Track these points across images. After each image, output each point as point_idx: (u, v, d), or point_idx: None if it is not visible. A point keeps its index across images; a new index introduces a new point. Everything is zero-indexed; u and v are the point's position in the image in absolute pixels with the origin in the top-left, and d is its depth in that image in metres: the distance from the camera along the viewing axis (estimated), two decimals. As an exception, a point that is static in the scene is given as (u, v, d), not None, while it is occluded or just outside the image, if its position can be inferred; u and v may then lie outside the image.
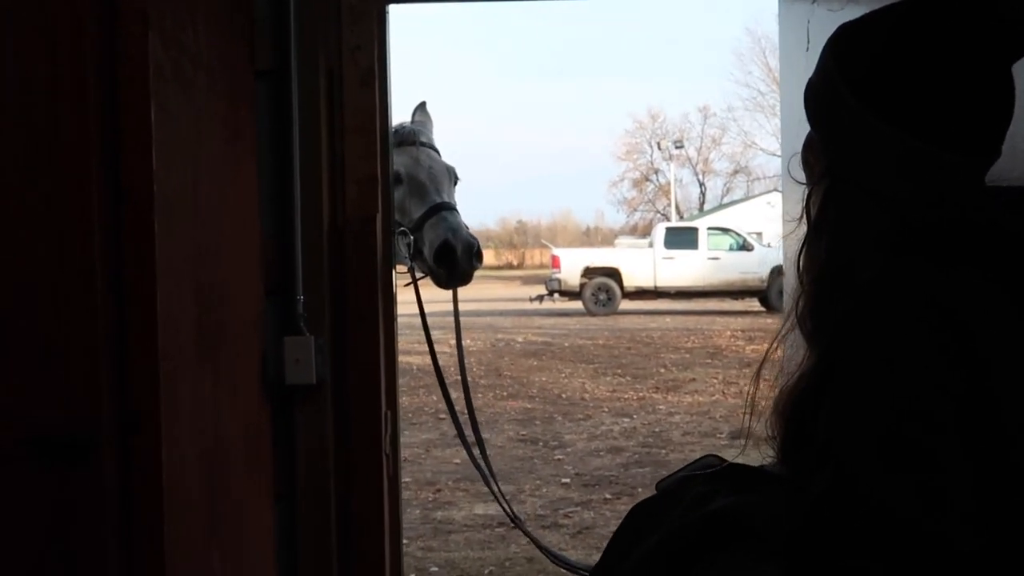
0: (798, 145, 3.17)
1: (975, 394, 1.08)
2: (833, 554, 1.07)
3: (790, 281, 1.38)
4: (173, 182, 2.44)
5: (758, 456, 1.41)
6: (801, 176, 1.36)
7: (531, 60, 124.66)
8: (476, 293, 36.55)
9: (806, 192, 1.34)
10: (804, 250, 1.32)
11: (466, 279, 3.73)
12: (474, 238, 3.72)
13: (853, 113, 1.24)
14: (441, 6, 3.74)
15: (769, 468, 1.35)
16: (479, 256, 3.71)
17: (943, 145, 1.17)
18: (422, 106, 4.16)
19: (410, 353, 15.76)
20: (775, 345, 1.38)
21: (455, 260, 3.61)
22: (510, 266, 66.82)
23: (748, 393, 1.39)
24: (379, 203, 3.24)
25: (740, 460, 1.40)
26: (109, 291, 2.28)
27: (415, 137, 3.89)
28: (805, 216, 1.32)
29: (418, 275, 3.71)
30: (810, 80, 1.31)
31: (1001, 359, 1.07)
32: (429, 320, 3.91)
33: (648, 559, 1.26)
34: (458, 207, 3.92)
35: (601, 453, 9.26)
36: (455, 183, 3.99)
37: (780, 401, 1.31)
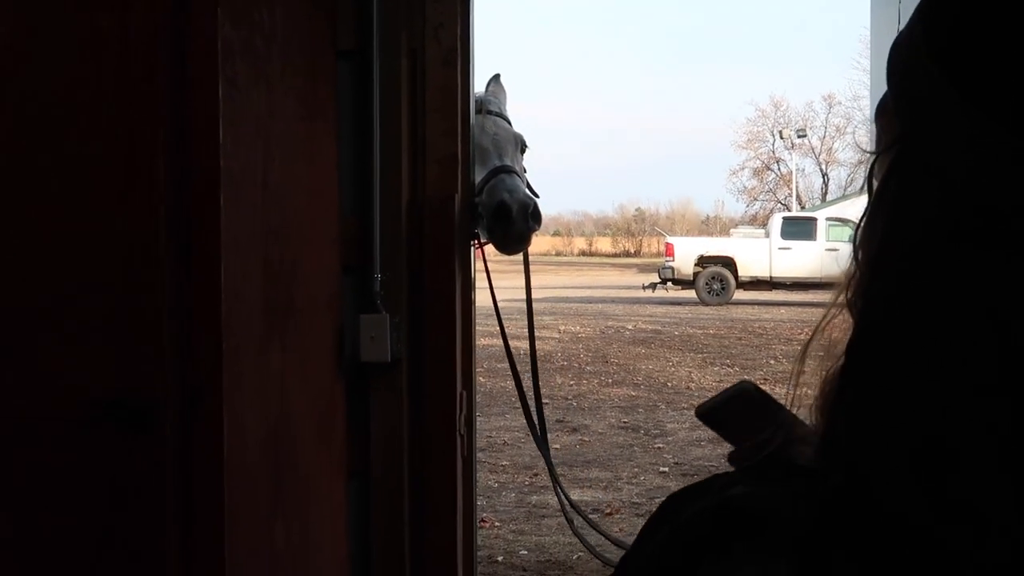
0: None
1: (1017, 398, 1.00)
2: (841, 561, 1.02)
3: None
4: (242, 158, 2.47)
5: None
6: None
7: (653, 45, 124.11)
8: (590, 280, 36.56)
9: (871, 160, 1.24)
10: (863, 224, 1.23)
11: (523, 240, 3.65)
12: (531, 198, 3.65)
13: (933, 82, 1.14)
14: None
15: (805, 461, 1.29)
16: (536, 216, 3.63)
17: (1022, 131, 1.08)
18: (496, 78, 4.13)
19: (517, 338, 15.82)
20: (823, 325, 1.31)
21: (510, 220, 3.55)
22: (627, 254, 66.51)
23: (792, 374, 1.34)
24: (459, 182, 3.24)
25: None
26: (175, 264, 2.32)
27: (483, 106, 3.86)
28: (867, 186, 1.23)
29: (483, 242, 3.67)
30: (897, 36, 1.21)
31: None
32: (537, 305, 3.86)
33: (663, 548, 1.22)
34: (524, 173, 3.87)
35: (702, 443, 9.16)
36: (523, 150, 3.94)
37: (822, 389, 1.25)
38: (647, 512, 6.96)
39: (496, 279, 3.90)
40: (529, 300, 3.96)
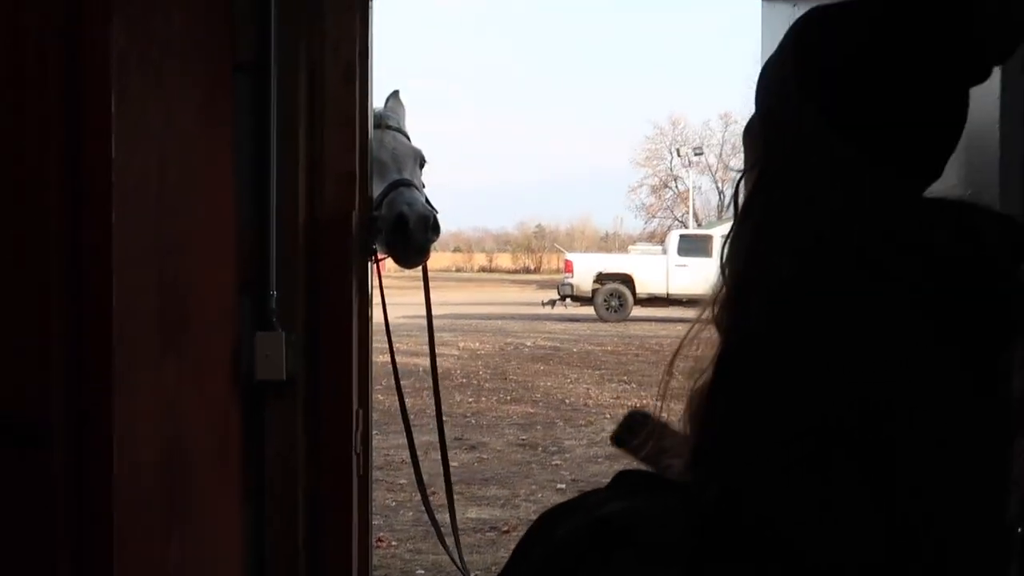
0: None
1: (878, 409, 1.03)
2: (717, 572, 1.04)
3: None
4: (136, 171, 2.42)
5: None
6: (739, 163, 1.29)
7: (554, 59, 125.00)
8: (489, 296, 36.59)
9: (737, 178, 1.28)
10: (729, 240, 1.26)
11: (422, 252, 3.64)
12: (430, 211, 3.64)
13: (795, 106, 1.18)
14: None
15: (672, 474, 1.31)
16: (435, 228, 3.61)
17: (881, 160, 1.11)
18: (395, 94, 4.11)
19: (417, 355, 15.76)
20: (687, 339, 1.34)
21: (408, 232, 3.54)
22: (527, 270, 66.74)
23: (659, 387, 1.36)
24: (357, 199, 3.22)
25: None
26: (64, 280, 2.26)
27: (382, 120, 3.85)
28: (733, 203, 1.26)
29: (381, 256, 3.64)
30: (767, 60, 1.25)
31: (908, 379, 1.02)
32: (437, 322, 3.80)
33: (538, 570, 1.23)
34: (423, 188, 3.86)
35: (599, 460, 9.22)
36: (422, 165, 3.93)
37: (691, 402, 1.27)
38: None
39: (398, 295, 3.88)
40: (429, 317, 3.93)
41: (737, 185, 1.27)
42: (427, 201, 3.75)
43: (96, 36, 2.30)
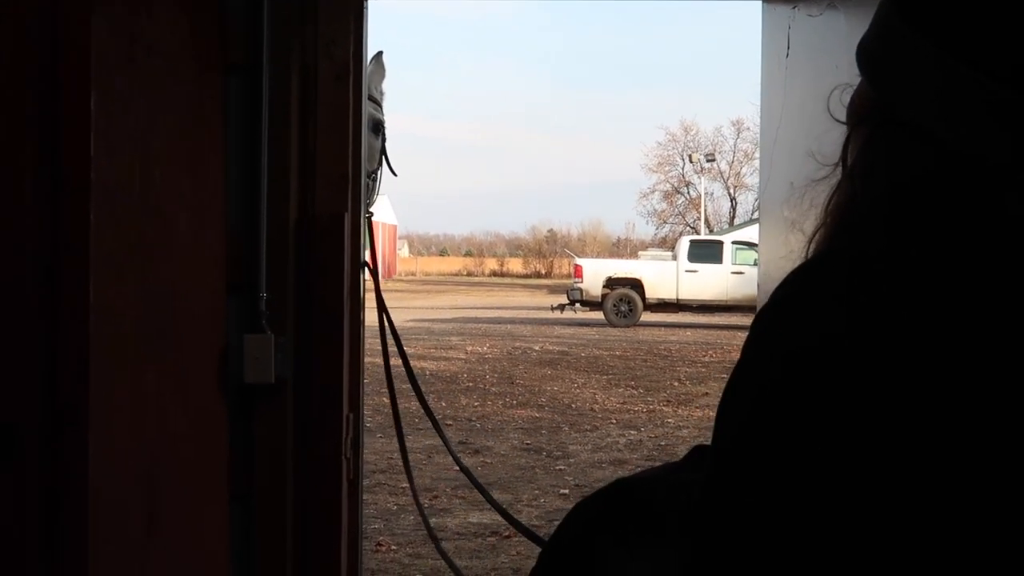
0: (777, 160, 3.07)
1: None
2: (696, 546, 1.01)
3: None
4: (117, 171, 2.39)
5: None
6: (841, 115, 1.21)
7: (566, 68, 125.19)
8: (499, 301, 36.57)
9: (845, 135, 1.20)
10: (835, 193, 1.19)
11: None
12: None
13: (900, 36, 1.09)
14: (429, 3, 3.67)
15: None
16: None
17: (997, 76, 1.02)
18: (378, 56, 3.98)
19: (423, 358, 15.75)
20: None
21: None
22: (538, 275, 66.64)
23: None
24: (349, 201, 3.18)
25: None
26: (41, 281, 2.23)
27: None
28: (841, 162, 1.19)
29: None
30: (867, 29, 1.17)
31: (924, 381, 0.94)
32: (446, 325, 3.74)
33: (562, 529, 1.22)
34: (381, 154, 3.80)
35: (604, 465, 9.17)
36: (379, 133, 3.84)
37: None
38: (546, 535, 6.92)
39: (408, 299, 3.84)
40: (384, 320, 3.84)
41: (846, 144, 1.20)
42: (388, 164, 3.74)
43: (75, 35, 2.27)
